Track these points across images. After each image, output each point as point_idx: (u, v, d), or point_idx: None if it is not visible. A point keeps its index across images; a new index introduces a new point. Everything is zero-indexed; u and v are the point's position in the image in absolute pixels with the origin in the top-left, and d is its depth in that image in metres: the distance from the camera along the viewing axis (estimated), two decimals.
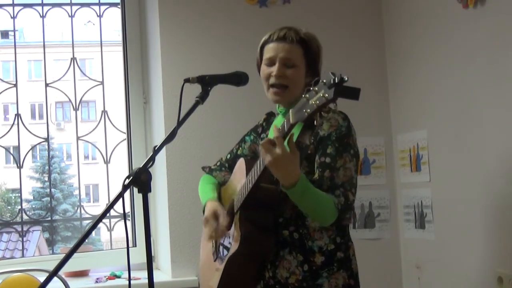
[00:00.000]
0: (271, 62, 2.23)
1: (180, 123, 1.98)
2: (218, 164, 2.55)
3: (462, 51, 2.88)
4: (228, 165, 2.50)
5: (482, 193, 2.76)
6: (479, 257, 2.79)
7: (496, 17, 2.65)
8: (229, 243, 2.21)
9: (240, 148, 2.49)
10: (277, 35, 2.24)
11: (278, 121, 2.34)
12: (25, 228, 3.82)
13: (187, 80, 2.06)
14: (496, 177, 2.68)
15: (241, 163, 2.30)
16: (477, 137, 2.78)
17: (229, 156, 2.53)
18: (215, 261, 2.33)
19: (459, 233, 2.93)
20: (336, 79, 1.64)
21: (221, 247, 2.31)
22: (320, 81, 1.71)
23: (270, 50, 2.24)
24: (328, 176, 2.10)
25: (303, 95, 1.77)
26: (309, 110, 1.74)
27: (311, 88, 1.74)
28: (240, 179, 2.24)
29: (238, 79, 2.17)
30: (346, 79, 1.64)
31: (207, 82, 2.07)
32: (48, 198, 16.69)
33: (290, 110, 1.84)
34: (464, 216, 2.89)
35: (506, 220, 2.63)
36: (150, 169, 1.83)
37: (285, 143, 1.93)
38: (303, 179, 2.00)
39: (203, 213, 2.39)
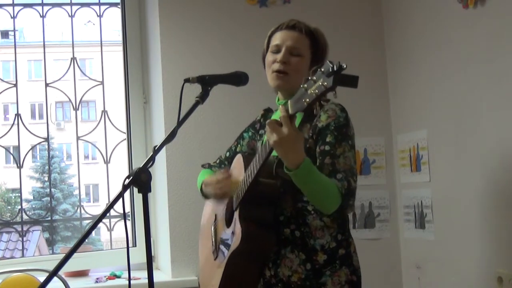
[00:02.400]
0: (277, 49, 2.24)
1: (180, 123, 1.98)
2: (218, 161, 2.55)
3: (462, 51, 2.88)
4: (228, 163, 2.49)
5: (482, 193, 2.76)
6: (479, 257, 2.79)
7: (496, 17, 2.65)
8: (229, 240, 2.21)
9: (239, 145, 2.49)
10: (286, 24, 2.26)
11: (277, 116, 2.33)
12: (25, 228, 3.82)
13: (187, 80, 2.06)
14: (496, 177, 2.68)
15: (238, 159, 2.30)
16: (477, 137, 2.78)
17: (228, 154, 2.53)
18: (215, 260, 2.32)
19: (459, 233, 2.93)
20: (335, 67, 1.63)
21: (221, 246, 2.30)
22: (318, 70, 1.70)
23: (277, 37, 2.26)
24: (329, 162, 2.09)
25: (301, 85, 1.76)
26: (308, 100, 1.73)
27: (309, 78, 1.73)
28: (238, 175, 2.23)
29: (238, 79, 2.17)
30: (345, 66, 1.63)
31: (207, 82, 2.07)
32: (48, 198, 16.66)
33: (289, 101, 1.84)
34: (464, 216, 2.89)
35: (506, 220, 2.62)
36: (150, 169, 1.82)
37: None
38: (308, 161, 1.98)
39: (203, 196, 2.41)
